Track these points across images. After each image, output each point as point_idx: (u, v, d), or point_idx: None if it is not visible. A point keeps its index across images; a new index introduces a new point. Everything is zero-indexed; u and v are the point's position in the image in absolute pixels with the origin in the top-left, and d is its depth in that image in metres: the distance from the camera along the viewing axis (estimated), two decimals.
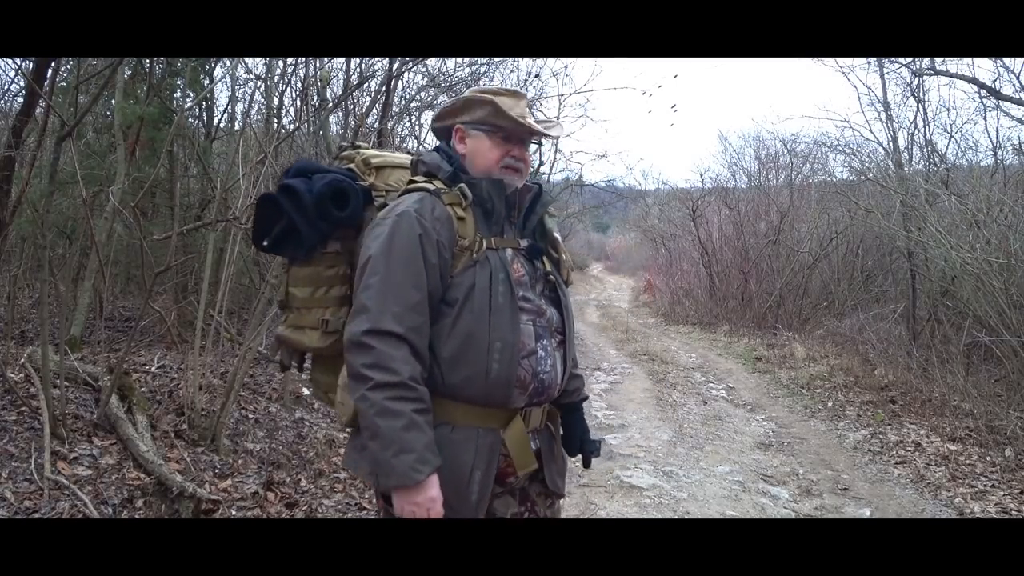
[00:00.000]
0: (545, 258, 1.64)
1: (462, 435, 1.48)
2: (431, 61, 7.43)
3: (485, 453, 1.49)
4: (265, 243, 1.60)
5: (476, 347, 1.45)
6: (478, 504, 1.49)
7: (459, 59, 8.07)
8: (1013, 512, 3.81)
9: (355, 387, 1.39)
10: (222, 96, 7.30)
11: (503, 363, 1.46)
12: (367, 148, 1.72)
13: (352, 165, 1.67)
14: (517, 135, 1.59)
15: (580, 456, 1.82)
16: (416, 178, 1.58)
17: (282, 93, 7.20)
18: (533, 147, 1.74)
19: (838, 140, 12.34)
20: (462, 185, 1.53)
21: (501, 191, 1.56)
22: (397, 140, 7.62)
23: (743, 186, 15.82)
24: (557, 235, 1.70)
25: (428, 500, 1.37)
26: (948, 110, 14.76)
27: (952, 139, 10.34)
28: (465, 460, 1.47)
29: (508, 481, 1.58)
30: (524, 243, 1.61)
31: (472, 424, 1.49)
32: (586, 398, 1.86)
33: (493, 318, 1.45)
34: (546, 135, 1.64)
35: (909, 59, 7.92)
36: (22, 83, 4.38)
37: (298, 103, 7.28)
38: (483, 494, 1.49)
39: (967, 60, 7.87)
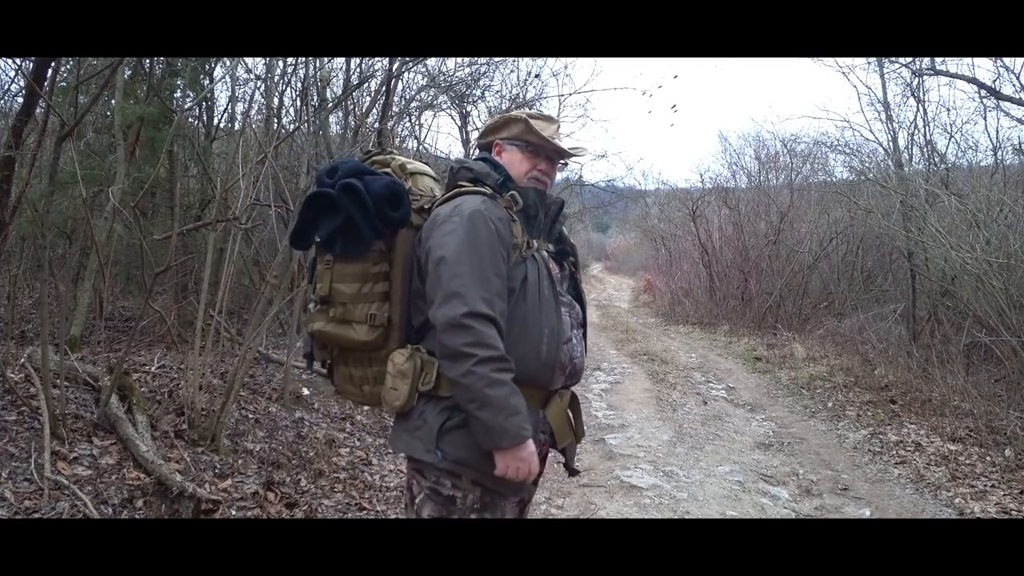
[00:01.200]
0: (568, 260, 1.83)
1: None
2: (431, 61, 7.44)
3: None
4: (318, 238, 1.66)
5: (530, 332, 1.61)
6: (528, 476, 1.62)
7: (459, 59, 8.08)
8: (1013, 512, 3.81)
9: (455, 365, 1.51)
10: (222, 96, 7.31)
11: (551, 347, 1.63)
12: (398, 154, 1.84)
13: (388, 170, 1.76)
14: (544, 152, 1.77)
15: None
16: (463, 183, 1.71)
17: (282, 93, 7.21)
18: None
19: (838, 140, 12.35)
20: (513, 192, 1.69)
21: (544, 201, 1.74)
22: (397, 140, 7.62)
23: (743, 186, 15.82)
24: (572, 240, 1.88)
25: (530, 455, 1.55)
26: (948, 110, 14.81)
27: (952, 139, 10.35)
28: None
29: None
30: (551, 247, 1.78)
31: None
32: None
33: (543, 307, 1.63)
34: (569, 154, 1.80)
35: (909, 59, 7.93)
36: (22, 83, 4.38)
37: (298, 103, 7.29)
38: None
39: (967, 60, 7.89)
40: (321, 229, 1.65)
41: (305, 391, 4.70)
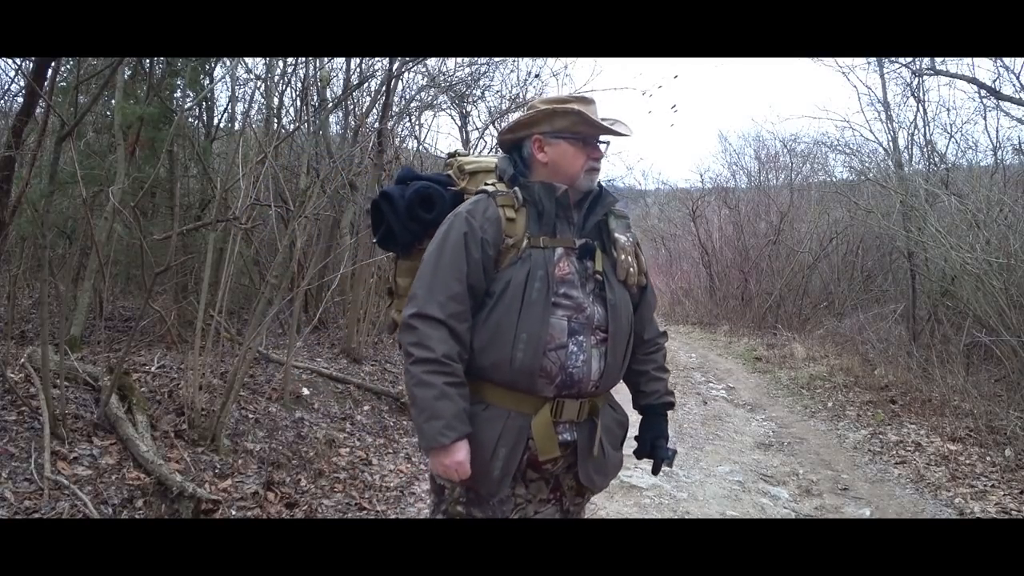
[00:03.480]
0: (604, 257, 1.70)
1: (492, 414, 1.60)
2: (431, 61, 7.43)
3: (512, 434, 1.59)
4: (374, 240, 1.85)
5: (503, 336, 1.57)
6: (501, 480, 1.60)
7: (459, 59, 8.07)
8: (1013, 512, 3.81)
9: (404, 362, 1.57)
10: (222, 96, 7.29)
11: (527, 353, 1.57)
12: (465, 155, 1.88)
13: (451, 171, 1.85)
14: (594, 138, 1.67)
15: (652, 460, 1.86)
16: (489, 180, 1.74)
17: (282, 93, 7.21)
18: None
19: (838, 140, 12.38)
20: (516, 188, 1.66)
21: (552, 193, 1.65)
22: (397, 140, 7.61)
23: (743, 186, 15.85)
24: (620, 236, 1.73)
25: (454, 463, 1.52)
26: (948, 110, 14.85)
27: (952, 139, 10.38)
28: (490, 436, 1.58)
29: (543, 468, 1.67)
30: (580, 243, 1.67)
31: (506, 407, 1.61)
32: (669, 404, 1.88)
33: (524, 311, 1.57)
34: (625, 134, 1.68)
35: (909, 59, 7.92)
36: (22, 83, 4.38)
37: (298, 103, 7.29)
38: (506, 471, 1.59)
39: (967, 60, 7.89)
40: (376, 232, 1.82)
41: (305, 391, 4.69)
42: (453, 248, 1.58)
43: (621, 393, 1.85)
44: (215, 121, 7.35)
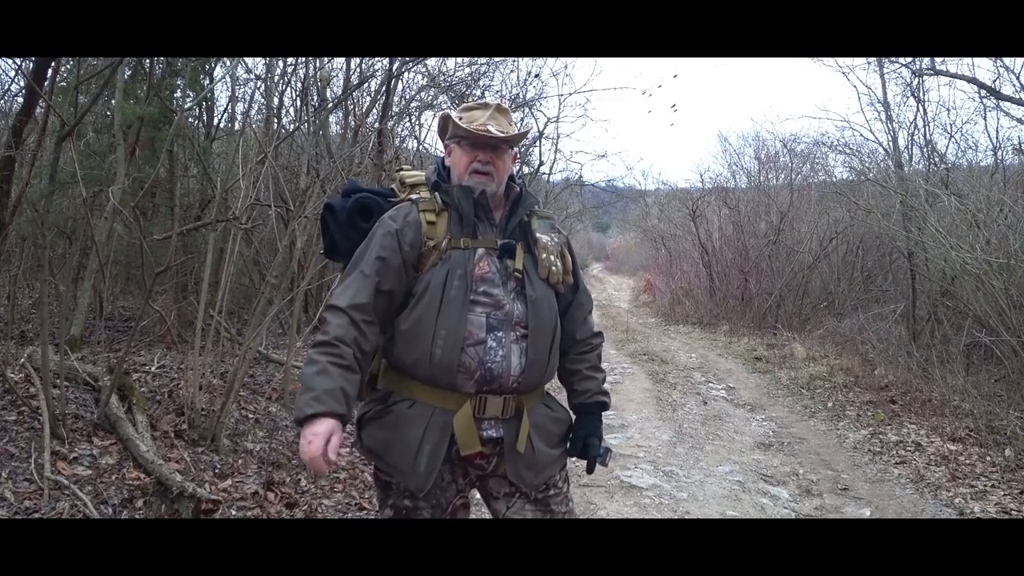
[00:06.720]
0: (527, 256, 1.75)
1: (418, 411, 1.65)
2: (431, 61, 7.42)
3: (436, 430, 1.64)
4: (322, 251, 1.95)
5: (424, 333, 1.64)
6: (427, 475, 1.64)
7: (459, 59, 8.06)
8: (1013, 512, 3.81)
9: None
10: (222, 96, 7.29)
11: (446, 349, 1.62)
12: (408, 168, 1.95)
13: (394, 185, 1.91)
14: (482, 142, 1.73)
15: (585, 460, 1.86)
16: (418, 188, 1.83)
17: (282, 93, 7.20)
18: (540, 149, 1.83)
19: (838, 140, 12.31)
20: (436, 192, 1.75)
21: (468, 195, 1.72)
22: (397, 140, 7.61)
23: (743, 186, 15.83)
24: (542, 235, 1.78)
25: (311, 434, 1.49)
26: (948, 110, 14.76)
27: (952, 139, 10.30)
28: (415, 434, 1.64)
29: (478, 462, 1.71)
30: (501, 243, 1.73)
31: (431, 404, 1.65)
32: (601, 404, 1.89)
33: (442, 309, 1.64)
34: (500, 138, 1.71)
35: (909, 59, 7.92)
36: (22, 83, 4.38)
37: (298, 103, 7.28)
38: (431, 467, 1.63)
39: (967, 60, 7.88)
40: (322, 243, 1.90)
41: None
42: (368, 246, 1.68)
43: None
44: (215, 121, 7.36)
